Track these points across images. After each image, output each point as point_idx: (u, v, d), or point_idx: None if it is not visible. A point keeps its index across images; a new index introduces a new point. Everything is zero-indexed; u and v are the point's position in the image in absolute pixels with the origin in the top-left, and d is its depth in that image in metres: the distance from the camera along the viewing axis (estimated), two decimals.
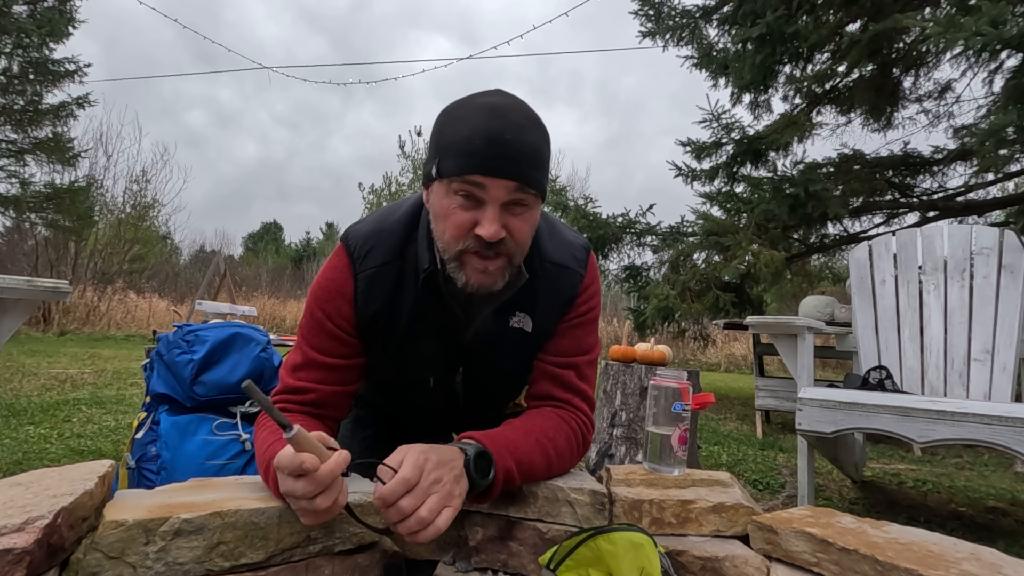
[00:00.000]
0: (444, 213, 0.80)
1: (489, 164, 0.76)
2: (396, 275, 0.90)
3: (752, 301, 4.97)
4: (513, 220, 0.80)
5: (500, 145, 0.75)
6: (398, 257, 0.91)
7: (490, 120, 0.77)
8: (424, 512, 0.68)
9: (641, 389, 2.11)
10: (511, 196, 0.78)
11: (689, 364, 8.85)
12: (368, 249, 0.90)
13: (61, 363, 4.99)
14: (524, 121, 0.79)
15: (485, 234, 0.77)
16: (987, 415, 1.32)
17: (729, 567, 0.81)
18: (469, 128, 0.77)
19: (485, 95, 0.81)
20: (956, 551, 0.73)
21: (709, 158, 5.23)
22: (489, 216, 0.77)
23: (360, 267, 0.90)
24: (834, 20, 4.44)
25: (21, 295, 1.47)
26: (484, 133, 0.76)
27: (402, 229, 0.92)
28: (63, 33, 7.70)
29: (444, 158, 0.78)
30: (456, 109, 0.81)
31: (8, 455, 2.13)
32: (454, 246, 0.80)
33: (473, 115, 0.78)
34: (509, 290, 0.88)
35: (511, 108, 0.79)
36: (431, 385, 0.99)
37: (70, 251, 10.25)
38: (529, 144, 0.78)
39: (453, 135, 0.78)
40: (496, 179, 0.76)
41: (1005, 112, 3.11)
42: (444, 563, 0.87)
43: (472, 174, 0.76)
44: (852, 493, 2.25)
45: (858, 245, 2.21)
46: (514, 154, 0.76)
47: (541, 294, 0.93)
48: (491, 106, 0.78)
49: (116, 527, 0.64)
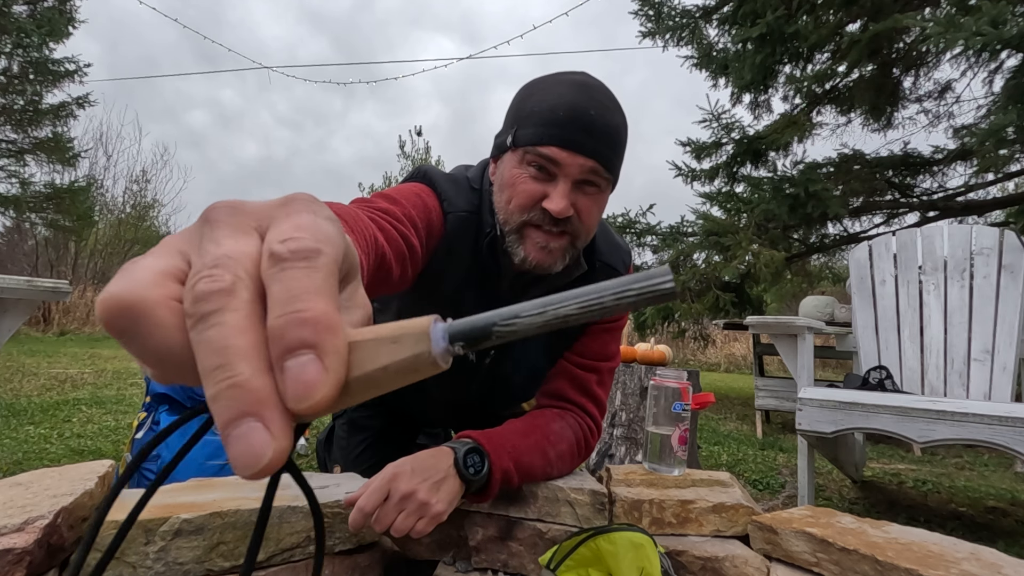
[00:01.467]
0: (513, 181, 0.77)
1: (569, 137, 0.74)
2: (476, 228, 0.84)
3: (752, 301, 4.97)
4: (583, 199, 0.77)
5: (583, 120, 0.74)
6: (477, 211, 0.86)
7: (576, 95, 0.75)
8: (394, 532, 0.69)
9: (641, 389, 2.11)
10: (584, 175, 0.75)
11: (689, 364, 8.85)
12: (455, 192, 0.85)
13: (61, 363, 4.99)
14: (609, 102, 0.77)
15: (553, 208, 0.74)
16: (987, 415, 1.32)
17: (729, 567, 0.81)
18: (554, 99, 0.75)
19: (571, 73, 0.79)
20: (956, 551, 0.73)
21: (709, 158, 5.22)
22: (560, 190, 0.75)
23: (449, 207, 0.83)
24: (834, 20, 4.44)
25: (21, 295, 1.47)
26: (568, 105, 0.74)
27: (477, 188, 0.87)
28: (63, 33, 7.70)
29: (523, 127, 0.76)
30: (541, 82, 0.79)
31: (8, 455, 2.13)
32: (518, 216, 0.77)
33: (559, 87, 0.76)
34: (565, 277, 0.85)
35: (597, 88, 0.77)
36: (471, 360, 0.93)
37: (70, 251, 10.26)
38: (612, 125, 0.76)
39: (536, 104, 0.76)
40: (574, 154, 0.74)
41: (1005, 112, 3.11)
42: (444, 563, 0.87)
43: (550, 145, 0.74)
44: (852, 493, 2.25)
45: (858, 245, 2.21)
46: (596, 131, 0.74)
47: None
48: (578, 83, 0.77)
49: (116, 527, 0.64)
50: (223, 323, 0.18)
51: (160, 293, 0.19)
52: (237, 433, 0.18)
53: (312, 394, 0.18)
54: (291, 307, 0.18)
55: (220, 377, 0.18)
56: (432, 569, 0.86)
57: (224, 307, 0.18)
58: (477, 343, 0.21)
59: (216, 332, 0.18)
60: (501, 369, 0.97)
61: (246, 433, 0.18)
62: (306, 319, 0.18)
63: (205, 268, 0.19)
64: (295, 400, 0.18)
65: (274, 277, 0.19)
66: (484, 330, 0.21)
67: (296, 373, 0.18)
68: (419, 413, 1.14)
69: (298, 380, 0.18)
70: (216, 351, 0.18)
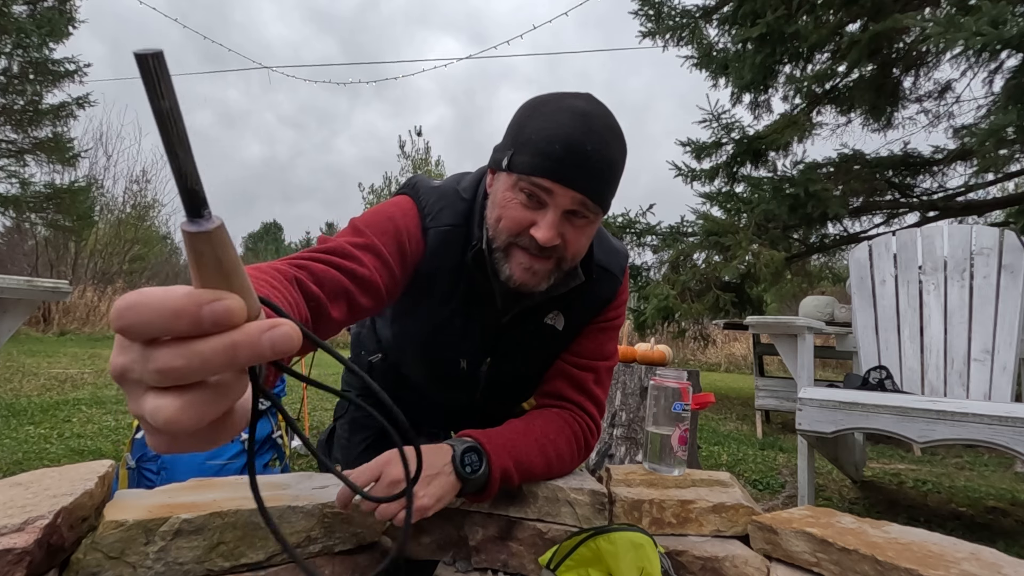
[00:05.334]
0: (504, 204, 0.79)
1: (563, 172, 0.74)
2: (463, 241, 0.87)
3: (752, 301, 4.97)
4: (571, 229, 0.78)
5: (579, 156, 0.74)
6: (465, 224, 0.88)
7: (574, 127, 0.74)
8: (378, 516, 0.70)
9: (641, 389, 2.11)
10: (575, 206, 0.76)
11: (689, 364, 8.85)
12: (441, 207, 0.87)
13: (61, 363, 4.99)
14: (608, 134, 0.76)
15: (540, 237, 0.75)
16: (987, 415, 1.32)
17: (729, 567, 0.81)
18: (552, 129, 0.75)
19: (575, 97, 0.79)
20: (956, 551, 0.73)
21: (709, 158, 5.23)
22: (549, 221, 0.75)
23: (431, 223, 0.86)
24: (834, 20, 4.44)
25: (21, 295, 1.47)
26: (566, 138, 0.74)
27: (470, 199, 0.89)
28: (63, 33, 7.70)
29: (519, 153, 0.76)
30: (542, 105, 0.79)
31: (8, 455, 2.13)
32: (505, 237, 0.79)
33: (560, 115, 0.76)
34: (562, 287, 0.86)
35: (598, 117, 0.76)
36: (463, 368, 0.95)
37: (70, 251, 10.26)
38: (607, 160, 0.76)
39: (534, 132, 0.76)
40: (565, 188, 0.74)
41: (1005, 112, 3.11)
42: (444, 563, 0.87)
43: (543, 177, 0.74)
44: (852, 493, 2.25)
45: (858, 245, 2.21)
46: (591, 167, 0.75)
47: (582, 296, 0.92)
48: (579, 111, 0.76)
49: (116, 527, 0.64)
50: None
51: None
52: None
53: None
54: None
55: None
56: (432, 569, 0.86)
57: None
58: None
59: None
60: (499, 373, 0.98)
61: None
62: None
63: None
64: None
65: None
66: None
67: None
68: (419, 414, 1.14)
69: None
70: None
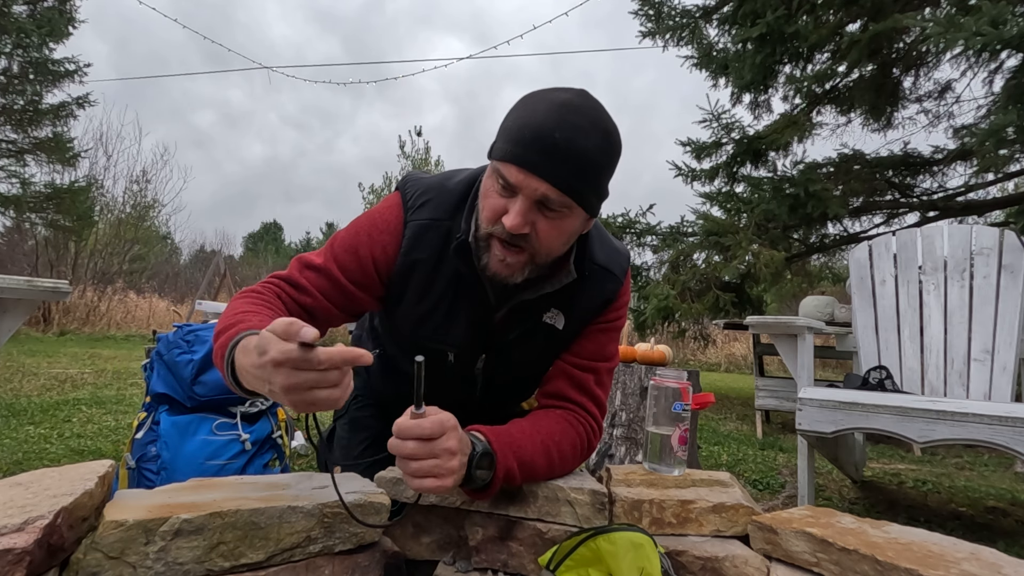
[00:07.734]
0: (485, 193, 0.81)
1: (526, 158, 0.75)
2: (444, 234, 0.90)
3: (752, 301, 4.97)
4: (542, 220, 0.78)
5: (544, 141, 0.74)
6: (450, 218, 0.90)
7: (548, 115, 0.75)
8: (412, 467, 0.68)
9: (641, 389, 2.11)
10: (542, 195, 0.76)
11: (689, 364, 8.85)
12: (424, 201, 0.91)
13: (61, 363, 4.99)
14: (586, 125, 0.76)
15: (507, 223, 0.77)
16: (987, 415, 1.31)
17: (729, 567, 0.81)
18: (527, 116, 0.77)
19: (564, 91, 0.79)
20: (956, 551, 0.73)
21: (709, 158, 5.22)
22: (517, 208, 0.76)
23: (412, 216, 0.90)
24: (834, 20, 4.44)
25: (21, 295, 1.47)
26: (535, 126, 0.75)
27: (461, 193, 0.91)
28: (63, 33, 7.70)
29: (498, 140, 0.79)
30: (530, 96, 0.81)
31: (8, 455, 2.13)
32: (485, 228, 0.81)
33: (540, 105, 0.77)
34: (555, 284, 0.88)
35: (578, 109, 0.76)
36: (450, 360, 0.96)
37: (70, 251, 10.24)
38: (578, 149, 0.75)
39: (512, 120, 0.79)
40: (528, 175, 0.75)
41: (1005, 112, 3.11)
42: (444, 563, 0.87)
43: (509, 163, 0.76)
44: (852, 493, 2.25)
45: (858, 245, 2.21)
46: (557, 155, 0.74)
47: (581, 295, 0.92)
48: (558, 102, 0.76)
49: (116, 527, 0.64)
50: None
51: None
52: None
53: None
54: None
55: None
56: (432, 569, 0.86)
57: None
58: None
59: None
60: (496, 371, 0.98)
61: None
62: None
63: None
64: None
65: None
66: None
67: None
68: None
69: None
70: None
